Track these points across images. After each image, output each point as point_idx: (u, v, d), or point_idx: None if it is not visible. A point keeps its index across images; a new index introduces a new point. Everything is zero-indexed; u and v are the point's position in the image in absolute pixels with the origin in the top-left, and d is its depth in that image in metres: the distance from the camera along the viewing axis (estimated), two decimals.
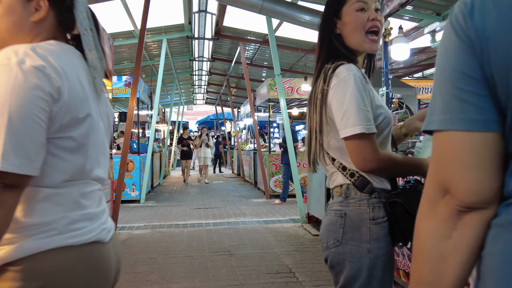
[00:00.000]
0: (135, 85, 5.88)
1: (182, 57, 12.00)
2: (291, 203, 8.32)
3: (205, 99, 22.20)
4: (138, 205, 8.38)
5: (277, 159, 9.14)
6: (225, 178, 14.80)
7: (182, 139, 12.20)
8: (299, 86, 9.27)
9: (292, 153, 6.28)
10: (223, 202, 8.67)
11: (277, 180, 9.12)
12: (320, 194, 5.51)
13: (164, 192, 10.60)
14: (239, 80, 15.44)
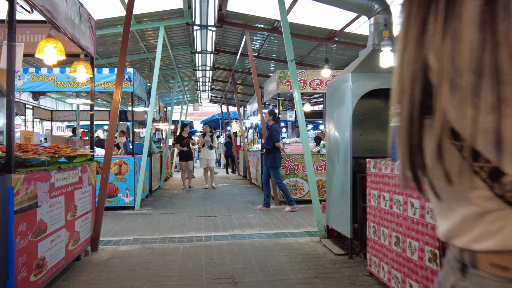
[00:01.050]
0: (120, 71, 4.94)
1: (183, 49, 11.07)
2: (304, 211, 7.34)
3: (210, 97, 21.27)
4: (131, 213, 7.46)
5: (288, 161, 8.17)
6: (230, 180, 13.85)
7: (182, 138, 10.89)
8: (312, 78, 8.30)
9: (308, 155, 5.31)
10: (227, 209, 7.72)
11: (287, 184, 8.15)
12: (343, 204, 4.54)
13: (163, 197, 9.67)
14: (245, 75, 14.49)
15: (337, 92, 4.82)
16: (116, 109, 4.82)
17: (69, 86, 7.83)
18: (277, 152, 7.46)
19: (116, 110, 4.82)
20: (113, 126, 4.85)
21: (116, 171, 7.74)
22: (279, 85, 8.16)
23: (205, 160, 11.18)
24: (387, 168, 3.45)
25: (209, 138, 11.01)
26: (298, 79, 8.18)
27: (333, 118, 4.94)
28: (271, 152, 7.40)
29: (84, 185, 4.51)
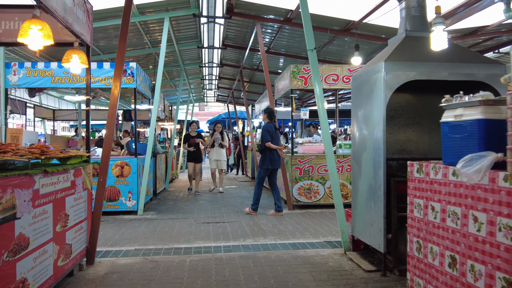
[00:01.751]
0: (119, 61, 4.38)
1: (189, 44, 10.49)
2: (320, 217, 6.76)
3: (216, 96, 20.71)
4: (134, 218, 6.91)
5: (302, 162, 7.59)
6: (238, 182, 13.28)
7: (189, 137, 9.90)
8: (328, 74, 7.70)
9: (331, 156, 4.72)
10: (237, 214, 7.14)
11: (301, 187, 7.57)
12: (373, 213, 3.95)
13: (169, 200, 9.12)
14: (253, 72, 13.92)
15: (365, 85, 4.23)
16: (115, 105, 4.26)
17: (68, 82, 7.30)
18: (267, 153, 6.99)
19: (114, 106, 4.26)
20: (111, 124, 4.29)
21: (117, 173, 7.20)
22: (292, 80, 7.58)
23: (214, 161, 10.19)
24: (437, 172, 2.86)
25: (219, 135, 10.00)
26: None
27: (360, 115, 4.35)
28: (263, 152, 7.03)
29: (78, 190, 3.96)
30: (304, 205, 7.65)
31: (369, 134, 4.12)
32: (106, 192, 7.16)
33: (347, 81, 7.77)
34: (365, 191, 4.21)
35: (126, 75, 7.31)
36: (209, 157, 10.34)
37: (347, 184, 7.68)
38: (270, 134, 6.93)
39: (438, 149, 4.80)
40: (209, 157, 10.32)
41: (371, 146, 4.05)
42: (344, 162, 7.67)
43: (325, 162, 7.48)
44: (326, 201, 7.62)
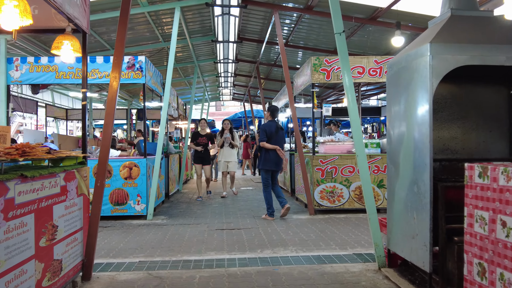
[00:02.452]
0: (119, 47, 3.84)
1: (202, 37, 9.95)
2: (345, 223, 6.12)
3: (232, 94, 20.19)
4: (143, 223, 6.41)
5: (324, 163, 6.96)
6: (254, 183, 12.70)
7: (197, 135, 8.85)
8: (352, 66, 7.04)
9: (362, 157, 4.09)
10: (253, 220, 6.57)
11: (323, 190, 6.94)
12: (416, 224, 3.31)
13: (181, 203, 8.60)
14: (271, 69, 13.31)
15: (405, 73, 3.59)
16: (113, 99, 3.73)
17: (73, 77, 6.84)
18: (263, 153, 6.64)
19: (113, 100, 3.73)
20: (109, 121, 3.76)
21: (125, 175, 6.71)
22: (313, 74, 6.95)
23: (224, 163, 9.19)
24: (510, 178, 2.22)
25: (229, 134, 9.04)
26: (335, 67, 6.97)
27: (399, 108, 3.71)
28: (261, 152, 6.75)
29: (71, 197, 3.44)
30: (326, 210, 7.02)
31: (410, 130, 3.48)
32: (113, 195, 6.69)
33: (374, 74, 7.11)
34: (404, 198, 3.57)
35: (135, 69, 6.82)
36: (218, 158, 9.33)
37: (374, 186, 7.01)
38: (267, 133, 6.53)
39: (486, 149, 4.13)
40: (219, 159, 9.31)
41: (413, 145, 3.41)
42: (371, 163, 7.00)
43: (350, 163, 6.87)
44: (351, 206, 6.97)
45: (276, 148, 6.53)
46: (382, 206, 7.01)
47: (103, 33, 8.48)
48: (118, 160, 6.78)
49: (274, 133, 6.59)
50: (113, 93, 3.72)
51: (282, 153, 6.59)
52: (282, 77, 13.33)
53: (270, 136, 6.57)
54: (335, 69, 7.02)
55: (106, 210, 6.67)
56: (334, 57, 7.07)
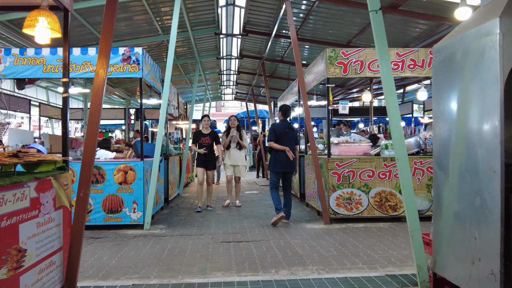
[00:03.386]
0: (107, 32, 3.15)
1: (205, 30, 9.27)
2: (367, 234, 5.43)
3: (235, 93, 19.50)
4: (139, 234, 5.72)
5: (340, 166, 6.27)
6: (259, 186, 12.01)
7: (200, 135, 7.68)
8: (372, 59, 6.37)
9: (404, 162, 3.40)
10: (263, 229, 5.88)
11: (340, 196, 6.26)
12: (480, 245, 2.62)
13: (182, 209, 7.92)
14: (276, 66, 12.63)
15: (461, 57, 2.90)
16: (100, 89, 3.05)
17: None
18: (272, 154, 6.43)
19: (99, 91, 3.05)
20: (95, 118, 3.07)
21: (120, 179, 6.03)
22: (329, 67, 6.27)
23: (230, 167, 7.92)
24: None
25: (236, 133, 7.75)
26: (353, 60, 6.30)
27: (452, 101, 3.03)
28: (270, 153, 6.68)
29: (46, 211, 2.77)
30: (343, 218, 6.34)
31: (469, 128, 2.79)
32: (106, 202, 6.01)
33: (395, 68, 6.42)
34: (460, 212, 2.88)
35: (131, 62, 6.14)
36: (224, 161, 7.97)
37: (395, 192, 6.33)
38: (275, 133, 6.27)
39: None
40: (225, 161, 7.96)
41: (473, 146, 2.73)
42: (392, 166, 6.32)
43: (369, 166, 6.19)
44: (370, 214, 6.29)
45: (285, 149, 6.16)
46: (404, 214, 6.32)
47: (98, 23, 7.79)
48: (112, 163, 6.10)
49: (283, 133, 6.25)
50: (99, 83, 3.03)
51: (291, 154, 6.16)
52: (288, 74, 12.66)
53: (279, 136, 6.24)
54: (353, 62, 6.34)
55: (98, 219, 6.00)
56: (351, 49, 6.39)
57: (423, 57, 6.50)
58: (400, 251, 4.65)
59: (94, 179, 6.00)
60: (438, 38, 8.23)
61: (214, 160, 7.72)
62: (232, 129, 7.85)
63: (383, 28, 3.42)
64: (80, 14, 7.32)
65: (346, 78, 13.33)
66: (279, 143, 6.21)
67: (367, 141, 7.24)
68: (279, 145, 6.20)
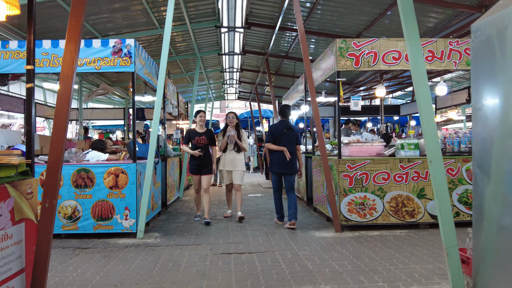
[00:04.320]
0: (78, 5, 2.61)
1: (205, 23, 8.71)
2: (383, 244, 4.86)
3: (238, 92, 18.96)
4: (131, 243, 5.19)
5: (352, 168, 5.71)
6: (263, 189, 11.45)
7: (194, 134, 6.52)
8: (387, 50, 5.81)
9: (439, 165, 2.84)
10: (267, 238, 5.33)
11: (352, 201, 5.69)
12: None
13: (180, 214, 7.39)
14: (281, 62, 12.07)
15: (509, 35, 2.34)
16: (69, 78, 2.51)
17: (48, 65, 5.67)
18: (271, 155, 6.32)
19: (67, 80, 2.51)
20: (63, 112, 2.53)
21: (111, 183, 5.50)
22: (339, 60, 5.71)
23: (227, 173, 6.65)
24: None
25: (234, 132, 6.48)
26: (366, 51, 5.75)
27: (499, 88, 2.46)
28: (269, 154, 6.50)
29: (1, 226, 2.23)
30: (355, 226, 5.77)
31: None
32: (96, 209, 5.48)
33: None
34: (508, 224, 2.31)
35: (122, 55, 5.62)
36: (219, 166, 6.79)
37: (413, 197, 5.76)
38: (272, 134, 6.23)
39: None
40: (220, 167, 6.75)
41: None
42: (409, 168, 5.75)
43: (384, 168, 5.63)
44: (385, 220, 5.72)
45: (283, 149, 6.08)
46: (422, 221, 5.77)
47: (88, 14, 7.26)
48: (102, 166, 5.57)
49: (281, 133, 6.17)
50: (67, 70, 2.49)
51: (287, 155, 6.04)
52: (294, 71, 12.10)
53: (277, 137, 6.19)
54: (366, 54, 5.77)
55: (87, 227, 5.47)
56: (363, 40, 5.82)
57: (442, 48, 5.93)
58: (423, 264, 4.09)
59: (82, 183, 5.48)
60: (456, 29, 7.65)
61: (211, 163, 6.53)
62: (229, 128, 6.54)
63: (411, 6, 2.85)
64: (68, 3, 6.82)
65: (354, 75, 12.77)
66: (277, 144, 6.14)
67: (380, 140, 6.67)
68: (276, 146, 6.14)
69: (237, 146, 6.55)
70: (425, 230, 5.68)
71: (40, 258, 2.51)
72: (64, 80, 2.50)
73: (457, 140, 6.15)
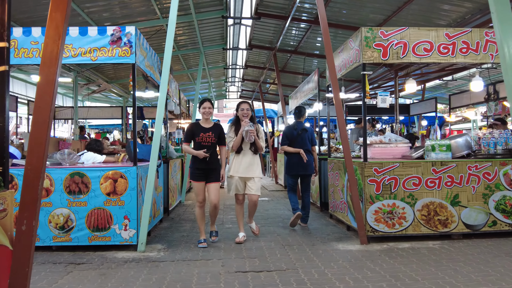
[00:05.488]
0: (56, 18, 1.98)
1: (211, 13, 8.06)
2: (420, 259, 4.25)
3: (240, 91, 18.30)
4: (131, 258, 4.56)
5: (380, 172, 5.09)
6: (269, 192, 10.82)
7: (198, 130, 5.06)
8: (418, 41, 5.21)
9: None
10: (285, 251, 4.72)
11: (379, 209, 5.08)
12: None
13: (184, 221, 6.76)
14: (288, 59, 11.43)
15: None
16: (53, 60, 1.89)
17: (38, 55, 5.02)
18: (288, 158, 6.33)
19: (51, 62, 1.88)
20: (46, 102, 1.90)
21: (108, 189, 4.87)
22: (365, 51, 5.09)
23: (240, 180, 5.23)
24: None
25: (251, 126, 5.03)
26: (394, 42, 5.15)
27: None
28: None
29: None
30: (383, 237, 5.15)
31: None
32: (91, 218, 4.85)
33: (445, 52, 5.25)
34: None
35: (121, 45, 4.99)
36: (229, 172, 5.31)
37: (446, 204, 5.16)
38: (287, 136, 6.28)
39: None
40: (230, 173, 5.27)
41: None
42: (442, 172, 5.15)
43: (415, 172, 5.03)
44: (416, 231, 5.11)
45: (299, 151, 6.07)
46: (455, 230, 5.17)
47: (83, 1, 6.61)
48: (98, 169, 4.93)
49: (296, 135, 6.21)
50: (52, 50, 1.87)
51: (304, 156, 6.03)
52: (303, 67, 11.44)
53: (292, 139, 6.21)
54: (394, 44, 5.17)
55: (82, 238, 4.84)
56: (392, 28, 5.22)
57: (477, 39, 5.33)
58: (475, 287, 3.48)
59: (76, 188, 4.85)
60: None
61: (219, 168, 5.14)
62: (244, 122, 5.08)
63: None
64: None
65: None
66: (293, 146, 6.17)
67: (405, 141, 6.09)
68: (292, 148, 6.16)
69: (254, 145, 5.18)
70: (459, 241, 5.08)
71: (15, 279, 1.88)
72: (47, 63, 1.88)
73: (492, 141, 5.55)
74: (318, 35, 9.29)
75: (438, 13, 7.54)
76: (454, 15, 7.47)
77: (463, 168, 5.20)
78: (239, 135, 5.12)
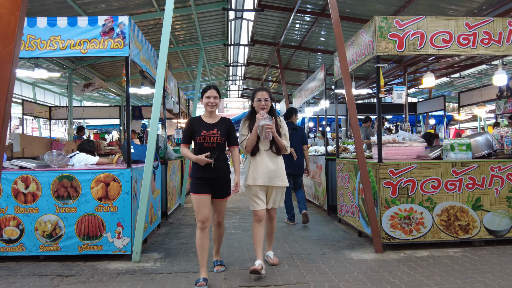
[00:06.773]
0: None
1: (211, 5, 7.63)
2: (443, 270, 3.84)
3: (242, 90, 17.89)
4: (125, 269, 4.15)
5: (396, 174, 4.68)
6: None
7: (200, 126, 3.75)
8: (436, 31, 4.80)
9: None
10: (293, 261, 4.30)
11: (396, 214, 4.66)
12: None
13: (184, 226, 6.35)
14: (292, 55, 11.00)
15: None
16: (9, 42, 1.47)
17: (23, 49, 4.61)
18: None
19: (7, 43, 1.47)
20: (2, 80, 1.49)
21: (100, 194, 4.46)
22: (379, 42, 4.68)
23: (262, 192, 3.99)
24: None
25: (270, 119, 3.79)
26: (410, 32, 4.73)
27: None
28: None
29: None
30: (400, 244, 4.73)
31: None
32: (81, 225, 4.44)
33: (465, 43, 4.84)
34: None
35: (113, 36, 4.58)
36: (248, 181, 4.00)
37: (467, 208, 4.74)
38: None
39: None
40: (246, 179, 4.02)
41: None
42: (463, 173, 4.73)
43: (434, 174, 4.62)
44: (435, 237, 4.70)
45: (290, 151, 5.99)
46: (477, 237, 4.75)
47: None
48: (89, 172, 4.52)
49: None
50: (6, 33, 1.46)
51: (294, 155, 6.18)
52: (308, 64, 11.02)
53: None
54: (411, 34, 4.75)
55: (71, 247, 4.44)
56: (408, 18, 4.80)
57: (499, 29, 4.92)
58: None
59: (65, 193, 4.44)
60: None
61: (228, 177, 3.89)
62: (259, 115, 3.81)
63: None
64: None
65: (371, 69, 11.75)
66: None
67: (420, 140, 5.68)
68: None
69: (275, 144, 4.00)
70: (482, 249, 4.67)
71: None
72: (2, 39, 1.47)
73: None
74: (324, 29, 8.86)
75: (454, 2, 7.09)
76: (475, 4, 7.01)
77: (486, 169, 4.78)
78: (253, 131, 3.89)
